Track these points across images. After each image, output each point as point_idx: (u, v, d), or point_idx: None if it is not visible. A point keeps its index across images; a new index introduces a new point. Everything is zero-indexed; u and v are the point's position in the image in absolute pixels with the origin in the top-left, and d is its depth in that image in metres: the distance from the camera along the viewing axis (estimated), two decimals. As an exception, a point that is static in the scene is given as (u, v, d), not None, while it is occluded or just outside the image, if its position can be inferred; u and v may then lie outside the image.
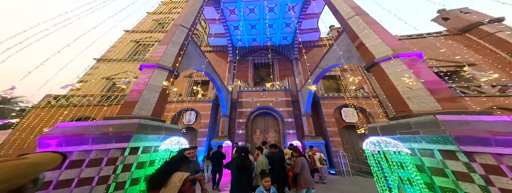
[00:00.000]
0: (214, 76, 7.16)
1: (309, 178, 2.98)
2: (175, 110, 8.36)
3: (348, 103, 7.89)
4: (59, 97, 7.80)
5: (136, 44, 12.29)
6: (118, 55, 11.02)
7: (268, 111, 8.77)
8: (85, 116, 7.50)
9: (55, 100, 7.69)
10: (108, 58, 10.65)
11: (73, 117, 7.32)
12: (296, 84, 10.37)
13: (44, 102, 7.50)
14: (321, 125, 8.08)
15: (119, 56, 10.98)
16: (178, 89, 9.88)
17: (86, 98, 7.99)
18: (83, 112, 7.45)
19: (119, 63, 10.58)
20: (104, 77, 9.57)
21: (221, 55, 12.77)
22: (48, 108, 7.38)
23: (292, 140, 7.33)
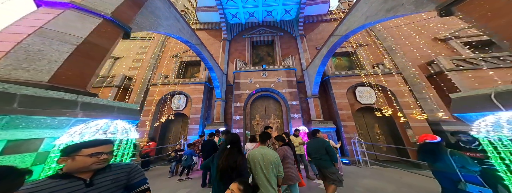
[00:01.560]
0: (202, 51, 5.57)
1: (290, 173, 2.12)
2: (160, 94, 7.01)
3: (364, 82, 6.50)
4: None
5: None
6: None
7: (269, 93, 7.44)
8: None
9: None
10: None
11: None
12: (301, 63, 8.78)
13: None
14: (331, 108, 6.84)
15: None
16: (164, 71, 8.36)
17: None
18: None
19: None
20: None
21: (213, 33, 10.79)
22: None
23: (297, 125, 6.19)
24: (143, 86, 7.31)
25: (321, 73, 6.43)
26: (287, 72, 7.67)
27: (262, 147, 1.83)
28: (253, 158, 1.67)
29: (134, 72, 7.90)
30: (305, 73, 8.03)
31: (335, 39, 5.09)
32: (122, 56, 8.61)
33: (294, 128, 6.27)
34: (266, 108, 7.40)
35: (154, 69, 8.22)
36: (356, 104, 6.45)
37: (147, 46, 9.00)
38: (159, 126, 6.61)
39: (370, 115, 6.48)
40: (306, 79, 7.74)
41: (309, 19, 10.63)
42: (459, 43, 6.57)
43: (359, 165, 4.77)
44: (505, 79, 5.06)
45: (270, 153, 1.70)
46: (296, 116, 6.46)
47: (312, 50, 9.10)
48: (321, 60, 6.00)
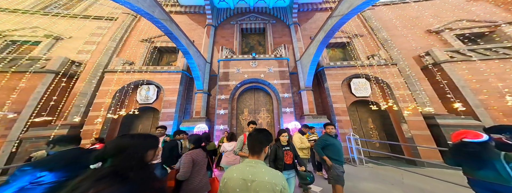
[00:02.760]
0: (172, 30, 4.17)
1: None
2: (119, 83, 5.39)
3: (360, 73, 5.94)
4: None
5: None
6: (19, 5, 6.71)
7: (259, 85, 6.42)
8: None
9: None
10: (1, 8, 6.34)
11: None
12: (294, 54, 7.91)
13: None
14: (325, 101, 6.17)
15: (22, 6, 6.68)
16: (127, 56, 6.63)
17: None
18: None
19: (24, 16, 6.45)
20: None
21: (196, 18, 9.12)
22: None
23: (289, 121, 5.38)
24: (95, 73, 5.57)
25: (316, 62, 5.63)
26: (279, 61, 6.71)
27: (249, 163, 0.88)
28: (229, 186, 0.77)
29: (85, 56, 6.02)
30: (298, 63, 7.18)
31: (335, 20, 4.24)
32: (69, 36, 6.53)
33: (285, 124, 5.49)
34: (256, 102, 6.40)
35: (115, 54, 6.42)
36: (350, 97, 5.88)
37: (107, 27, 7.03)
38: (118, 123, 5.11)
39: (363, 109, 6.00)
40: (299, 70, 6.91)
41: (303, 7, 9.71)
42: (452, 35, 6.40)
43: (354, 164, 4.20)
44: (497, 70, 4.94)
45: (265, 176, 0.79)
46: (288, 110, 5.62)
47: (307, 40, 8.27)
48: (317, 47, 5.16)
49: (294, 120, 5.39)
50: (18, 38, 5.92)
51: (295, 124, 4.90)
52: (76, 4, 7.79)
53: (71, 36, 6.50)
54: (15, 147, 3.89)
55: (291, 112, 5.58)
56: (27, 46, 5.96)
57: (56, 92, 4.88)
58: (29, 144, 3.99)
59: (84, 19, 7.03)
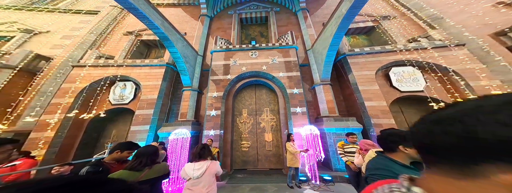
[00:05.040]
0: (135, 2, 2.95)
1: None
2: (88, 79, 4.26)
3: (404, 59, 4.23)
4: None
5: None
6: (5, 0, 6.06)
7: (260, 79, 5.00)
8: None
9: None
10: None
11: None
12: (303, 43, 6.43)
13: None
14: (351, 98, 4.51)
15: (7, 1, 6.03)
16: (106, 50, 5.59)
17: None
18: None
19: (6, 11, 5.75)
20: None
21: (190, 10, 8.06)
22: None
23: (302, 124, 3.85)
24: (62, 69, 4.52)
25: (336, 46, 4.10)
26: (285, 51, 5.26)
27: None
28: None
29: (58, 51, 5.06)
30: (310, 53, 5.67)
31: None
32: (47, 30, 5.67)
33: (298, 127, 3.92)
34: (257, 100, 4.96)
35: (93, 47, 5.41)
36: (391, 93, 4.17)
37: (90, 20, 6.12)
38: (82, 129, 3.93)
39: (413, 109, 4.21)
40: (311, 60, 5.38)
41: (311, -9, 8.26)
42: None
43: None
44: None
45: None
46: (299, 110, 4.09)
47: (319, 28, 6.76)
48: (338, 24, 3.66)
49: (307, 123, 3.85)
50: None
51: (310, 129, 3.36)
52: None
53: (48, 30, 5.64)
54: None
55: (304, 113, 4.04)
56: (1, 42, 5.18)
57: (12, 91, 3.85)
58: None
59: (67, 14, 6.20)
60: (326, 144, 3.55)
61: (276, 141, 4.30)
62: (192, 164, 1.46)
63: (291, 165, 2.82)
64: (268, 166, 4.03)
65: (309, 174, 3.06)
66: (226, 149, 3.87)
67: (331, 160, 3.39)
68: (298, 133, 3.64)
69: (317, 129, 3.39)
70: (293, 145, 2.95)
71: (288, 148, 2.88)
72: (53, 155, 3.28)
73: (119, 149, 1.24)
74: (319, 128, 3.61)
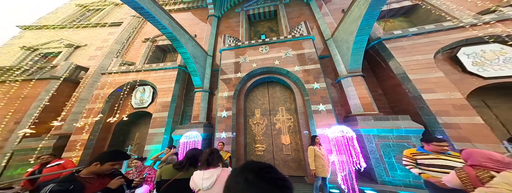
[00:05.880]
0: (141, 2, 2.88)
1: None
2: (114, 85, 4.59)
3: (483, 36, 2.98)
4: None
5: (81, 8, 8.25)
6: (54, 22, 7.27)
7: (273, 76, 4.49)
8: None
9: None
10: (38, 25, 6.98)
11: None
12: (321, 33, 5.57)
13: None
14: (397, 91, 3.47)
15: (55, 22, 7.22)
16: (127, 57, 6.02)
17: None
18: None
19: (54, 31, 6.88)
20: (24, 46, 6.08)
21: (199, 12, 8.09)
22: None
23: (328, 124, 3.18)
24: (96, 77, 5.02)
25: (367, 30, 3.24)
26: (299, 43, 4.61)
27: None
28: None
29: (94, 61, 5.70)
30: (330, 43, 4.84)
31: None
32: (84, 44, 6.51)
33: (323, 128, 3.25)
34: (271, 99, 4.48)
35: (119, 56, 5.91)
36: (465, 81, 2.97)
37: (115, 31, 6.75)
38: (110, 132, 4.24)
39: (509, 103, 2.95)
40: (333, 51, 4.55)
41: (324, -25, 7.19)
42: None
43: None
44: None
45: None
46: (323, 108, 3.41)
47: (337, 15, 5.77)
48: (369, 2, 2.84)
49: (335, 123, 3.16)
50: (45, 50, 6.23)
51: (342, 130, 2.68)
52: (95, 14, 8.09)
53: (86, 44, 6.46)
54: (6, 160, 3.39)
55: (329, 111, 3.35)
56: (52, 57, 6.20)
57: (60, 99, 4.47)
58: (18, 157, 3.45)
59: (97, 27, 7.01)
60: (366, 149, 2.76)
61: (295, 144, 3.75)
62: (201, 172, 1.22)
63: (318, 174, 2.27)
64: (287, 173, 3.54)
65: (343, 187, 2.43)
66: (239, 153, 3.56)
67: (375, 170, 2.63)
68: (324, 135, 3.01)
69: (351, 130, 2.68)
70: (320, 150, 2.38)
71: (309, 154, 2.33)
72: (88, 157, 3.59)
73: (99, 160, 0.97)
74: (355, 129, 2.88)
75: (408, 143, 2.52)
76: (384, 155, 2.59)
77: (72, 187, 0.83)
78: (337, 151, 2.59)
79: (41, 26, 6.87)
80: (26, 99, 4.23)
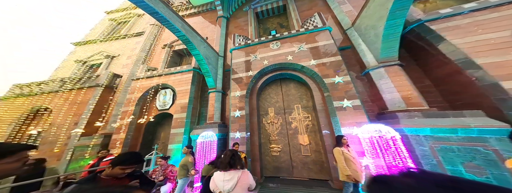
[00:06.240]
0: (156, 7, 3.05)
1: None
2: (141, 90, 5.14)
3: None
4: (23, 86, 6.04)
5: (113, 22, 9.58)
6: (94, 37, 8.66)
7: (286, 72, 4.20)
8: (44, 106, 5.48)
9: (20, 89, 5.98)
10: (85, 41, 8.44)
11: (34, 106, 5.45)
12: (339, 23, 4.94)
13: (10, 93, 5.93)
14: (455, 81, 2.73)
15: (95, 37, 8.60)
16: (151, 63, 6.63)
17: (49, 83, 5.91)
18: (43, 100, 5.46)
19: (97, 44, 8.21)
20: (77, 60, 7.44)
21: (209, 15, 8.30)
22: (14, 98, 5.76)
23: (356, 123, 2.74)
24: (128, 83, 5.72)
25: (403, 11, 2.64)
26: (313, 35, 4.18)
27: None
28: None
29: (126, 69, 6.53)
30: (351, 32, 4.23)
31: None
32: (118, 54, 7.52)
33: (350, 126, 2.80)
34: (285, 97, 4.24)
35: (144, 63, 6.59)
36: None
37: (140, 41, 7.56)
38: (141, 132, 4.76)
39: None
40: (356, 41, 3.96)
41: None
42: None
43: None
44: None
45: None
46: (348, 104, 2.98)
47: (356, 2, 5.00)
48: None
49: (366, 121, 2.71)
50: (91, 62, 7.48)
51: (379, 129, 2.24)
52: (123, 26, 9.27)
53: (119, 54, 7.47)
54: (70, 155, 4.20)
55: (357, 107, 2.91)
56: (96, 67, 7.43)
57: (103, 103, 5.29)
58: (78, 153, 4.23)
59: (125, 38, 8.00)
60: (414, 153, 2.19)
61: (314, 144, 3.44)
62: (221, 173, 1.21)
63: (348, 179, 1.94)
64: (306, 175, 3.27)
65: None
66: (254, 153, 3.47)
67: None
68: (352, 136, 2.62)
69: (393, 129, 2.22)
70: (349, 152, 2.06)
71: (337, 156, 2.03)
72: None
73: (111, 164, 0.97)
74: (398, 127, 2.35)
75: (485, 147, 1.90)
76: (444, 161, 2.03)
77: None
78: (373, 154, 2.19)
79: (86, 41, 8.31)
80: (81, 104, 5.16)
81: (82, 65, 7.40)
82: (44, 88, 5.80)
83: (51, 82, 5.89)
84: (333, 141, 2.90)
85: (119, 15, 9.83)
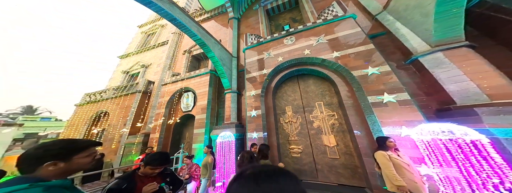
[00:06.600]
0: (173, 13, 3.29)
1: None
2: (169, 94, 5.75)
3: None
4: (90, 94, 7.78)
5: (144, 35, 11.19)
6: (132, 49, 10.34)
7: (303, 67, 3.85)
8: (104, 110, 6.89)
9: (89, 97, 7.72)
10: (126, 54, 10.20)
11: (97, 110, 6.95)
12: (364, 9, 4.19)
13: (83, 100, 7.73)
14: None
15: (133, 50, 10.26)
16: (175, 69, 7.34)
17: (106, 92, 7.42)
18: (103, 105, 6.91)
19: (134, 55, 9.80)
20: (122, 71, 9.05)
21: (220, 19, 8.56)
22: (85, 104, 7.50)
23: (405, 121, 2.20)
24: (159, 88, 6.54)
25: None
26: (333, 26, 3.69)
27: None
28: None
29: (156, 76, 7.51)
30: (383, 17, 3.52)
31: None
32: (150, 63, 8.72)
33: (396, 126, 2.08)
34: (303, 94, 3.91)
35: (169, 69, 7.40)
36: None
37: (165, 49, 8.54)
38: (170, 131, 5.33)
39: None
40: (394, 25, 3.26)
41: None
42: None
43: None
44: None
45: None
46: (390, 98, 2.42)
47: None
48: None
49: (422, 119, 2.15)
50: (132, 72, 8.96)
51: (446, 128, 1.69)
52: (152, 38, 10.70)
53: (151, 63, 8.66)
54: (122, 151, 5.14)
55: (405, 103, 2.34)
56: (136, 76, 8.85)
57: (142, 107, 6.24)
58: (127, 149, 5.13)
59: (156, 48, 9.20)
60: None
61: (344, 146, 3.02)
62: None
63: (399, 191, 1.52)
64: (335, 180, 2.91)
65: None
66: (272, 154, 3.32)
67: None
68: (402, 137, 2.14)
69: (473, 130, 1.61)
70: (400, 157, 1.66)
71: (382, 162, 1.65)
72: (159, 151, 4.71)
73: (143, 163, 1.04)
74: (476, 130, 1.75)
75: None
76: None
77: (125, 185, 0.91)
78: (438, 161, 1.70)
79: (127, 54, 10.04)
80: (127, 108, 6.24)
81: (126, 74, 8.94)
82: (103, 96, 7.32)
83: (108, 91, 7.37)
84: (370, 143, 2.45)
85: (147, 27, 11.43)
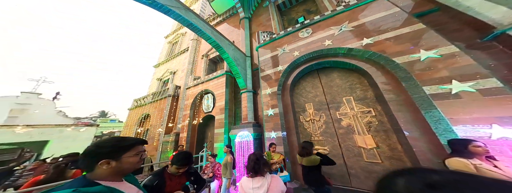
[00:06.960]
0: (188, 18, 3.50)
1: None
2: (192, 96, 6.32)
3: None
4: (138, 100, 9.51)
5: (170, 44, 12.78)
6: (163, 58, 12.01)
7: (324, 60, 3.40)
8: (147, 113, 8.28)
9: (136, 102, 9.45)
10: (158, 63, 11.94)
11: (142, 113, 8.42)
12: None
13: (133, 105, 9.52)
14: None
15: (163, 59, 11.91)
16: (195, 72, 7.98)
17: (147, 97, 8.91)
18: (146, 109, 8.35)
19: (165, 64, 11.36)
20: (157, 78, 10.64)
21: (232, 20, 8.75)
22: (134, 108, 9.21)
23: (488, 118, 1.58)
24: (184, 92, 7.29)
25: None
26: (359, 11, 3.13)
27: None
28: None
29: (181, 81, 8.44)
30: None
31: None
32: (176, 70, 9.88)
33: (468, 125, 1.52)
34: (326, 89, 3.47)
35: (191, 73, 8.15)
36: None
37: (187, 56, 9.46)
38: (195, 131, 5.82)
39: None
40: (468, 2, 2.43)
41: None
42: None
43: None
44: None
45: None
46: (465, 87, 1.79)
47: None
48: None
49: None
50: (164, 79, 10.41)
51: None
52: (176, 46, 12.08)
53: (177, 69, 9.80)
54: (161, 148, 6.00)
55: (491, 92, 1.69)
56: (167, 82, 10.23)
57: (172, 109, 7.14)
58: (164, 146, 5.95)
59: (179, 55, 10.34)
60: None
61: (387, 148, 2.49)
62: (249, 180, 1.10)
63: None
64: (372, 187, 2.41)
65: None
66: (293, 155, 3.08)
67: None
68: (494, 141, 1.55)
69: None
70: (499, 168, 1.19)
71: None
72: (187, 149, 5.23)
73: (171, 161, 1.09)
74: None
75: None
76: None
77: (156, 182, 0.96)
78: None
79: (158, 63, 11.76)
80: (162, 111, 7.28)
81: (160, 81, 10.47)
82: (146, 100, 8.80)
83: (148, 96, 8.85)
84: (431, 146, 1.89)
85: (171, 37, 13.03)
